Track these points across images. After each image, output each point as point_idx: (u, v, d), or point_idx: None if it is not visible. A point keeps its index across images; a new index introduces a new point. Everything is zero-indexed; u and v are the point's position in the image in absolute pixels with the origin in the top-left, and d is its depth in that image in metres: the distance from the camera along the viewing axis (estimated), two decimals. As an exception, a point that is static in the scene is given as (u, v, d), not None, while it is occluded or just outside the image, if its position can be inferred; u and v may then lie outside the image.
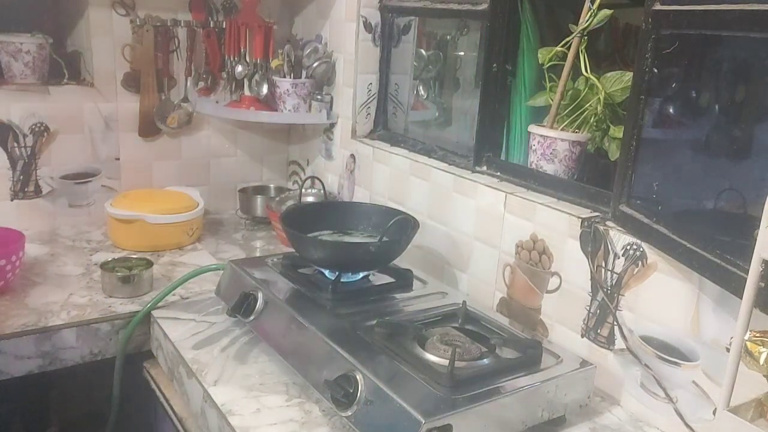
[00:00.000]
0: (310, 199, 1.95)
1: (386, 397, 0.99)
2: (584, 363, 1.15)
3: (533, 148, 1.44)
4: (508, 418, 1.04)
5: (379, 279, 1.43)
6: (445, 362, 1.06)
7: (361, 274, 1.41)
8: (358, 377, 1.04)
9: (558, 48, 1.40)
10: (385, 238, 1.38)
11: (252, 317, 1.31)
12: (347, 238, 1.53)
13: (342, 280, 1.35)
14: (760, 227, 0.71)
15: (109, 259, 1.59)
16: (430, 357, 1.10)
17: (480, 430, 1.01)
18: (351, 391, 1.03)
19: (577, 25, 1.36)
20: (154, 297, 1.45)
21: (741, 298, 0.74)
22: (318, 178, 1.92)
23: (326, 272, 1.38)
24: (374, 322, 1.18)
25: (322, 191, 1.94)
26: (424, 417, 0.93)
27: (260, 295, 1.32)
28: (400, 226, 1.41)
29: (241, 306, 1.32)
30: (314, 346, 1.15)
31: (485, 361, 1.12)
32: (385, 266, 1.43)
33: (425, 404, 0.97)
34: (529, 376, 1.09)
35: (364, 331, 1.17)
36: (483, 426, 1.01)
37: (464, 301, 1.29)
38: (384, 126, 1.93)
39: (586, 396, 1.14)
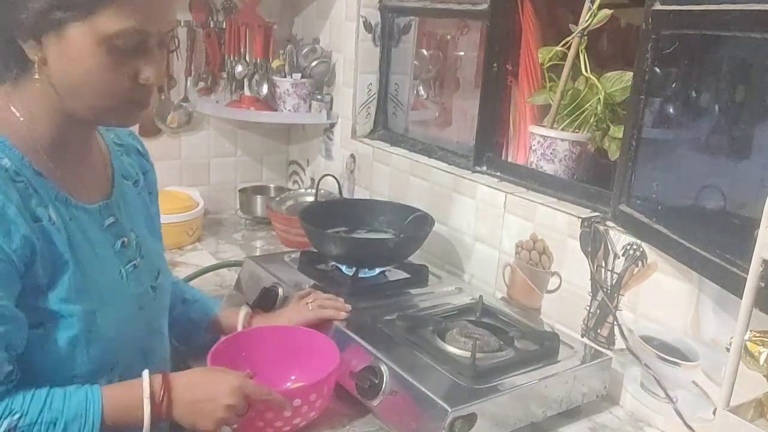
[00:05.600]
0: (310, 198, 1.94)
1: (412, 388, 1.01)
2: (599, 354, 1.17)
3: (533, 148, 1.44)
4: (529, 407, 1.06)
5: (395, 275, 1.43)
6: (466, 354, 1.08)
7: (378, 270, 1.42)
8: (382, 368, 1.06)
9: (558, 48, 1.40)
10: (402, 235, 1.38)
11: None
12: (361, 235, 1.54)
13: (359, 275, 1.36)
14: (760, 227, 0.71)
15: (109, 259, 1.58)
16: (451, 349, 1.12)
17: (503, 419, 1.03)
18: (377, 381, 1.05)
19: (577, 25, 1.36)
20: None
21: (741, 298, 0.74)
22: (333, 176, 1.88)
23: (343, 268, 1.40)
24: (395, 315, 1.20)
25: (336, 190, 1.89)
26: (450, 406, 0.96)
27: (281, 290, 1.34)
28: (417, 223, 1.42)
29: (263, 300, 1.33)
30: (337, 339, 1.16)
31: (504, 352, 1.14)
32: (401, 262, 1.44)
33: (450, 394, 0.99)
34: (548, 366, 1.11)
35: (384, 325, 1.19)
36: (505, 415, 1.03)
37: (481, 296, 1.31)
38: (384, 126, 1.93)
39: (602, 386, 1.16)
